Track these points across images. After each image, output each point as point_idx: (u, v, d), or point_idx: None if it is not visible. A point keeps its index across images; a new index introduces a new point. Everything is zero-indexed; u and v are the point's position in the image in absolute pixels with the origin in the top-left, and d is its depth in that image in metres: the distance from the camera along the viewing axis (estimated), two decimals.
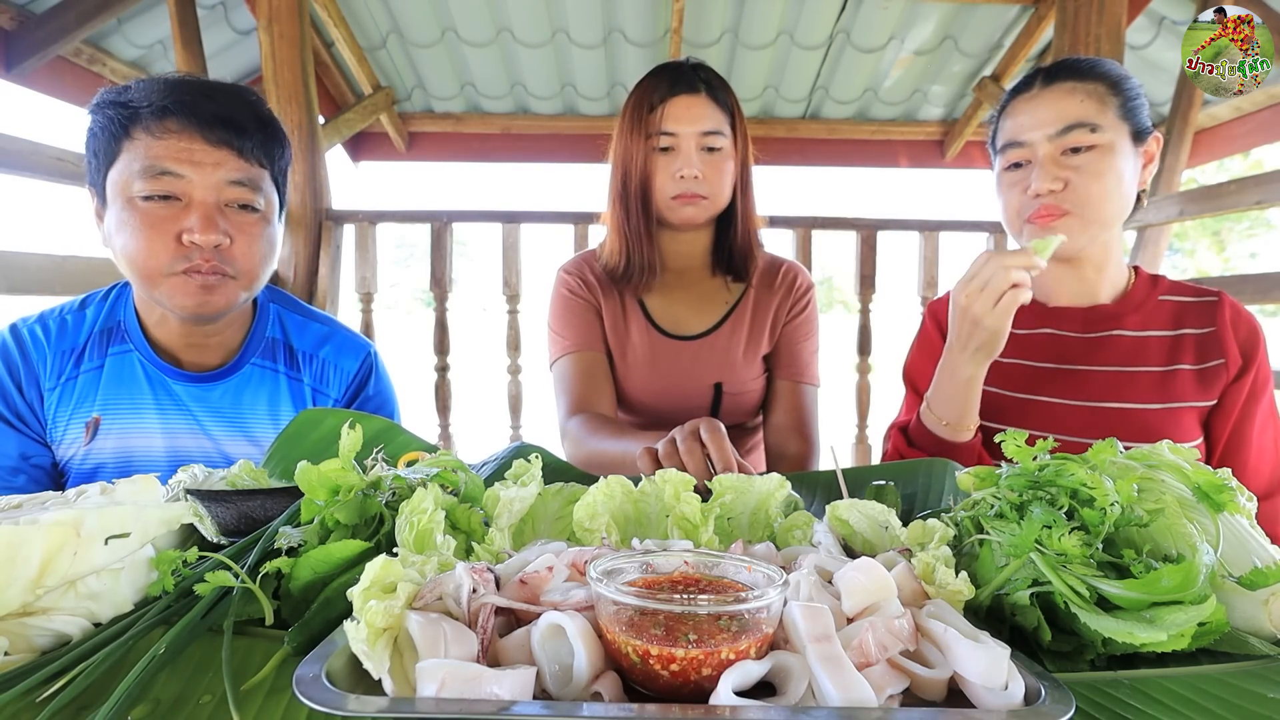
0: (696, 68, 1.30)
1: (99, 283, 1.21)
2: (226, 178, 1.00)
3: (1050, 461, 0.61)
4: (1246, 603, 0.55)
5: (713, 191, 1.29)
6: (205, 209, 0.99)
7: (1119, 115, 1.04)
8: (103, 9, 2.71)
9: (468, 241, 39.53)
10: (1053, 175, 1.04)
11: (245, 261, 1.04)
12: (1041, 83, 1.08)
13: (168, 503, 0.65)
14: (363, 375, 1.24)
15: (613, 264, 1.38)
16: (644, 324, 1.39)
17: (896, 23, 3.34)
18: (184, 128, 0.98)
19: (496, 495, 0.67)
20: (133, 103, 0.98)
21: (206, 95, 1.00)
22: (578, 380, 1.35)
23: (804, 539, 0.69)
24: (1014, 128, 1.09)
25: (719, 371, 1.37)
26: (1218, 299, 1.12)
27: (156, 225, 0.98)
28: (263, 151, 1.05)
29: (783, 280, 1.43)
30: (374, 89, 3.70)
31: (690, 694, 0.42)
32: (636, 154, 1.28)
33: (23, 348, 1.10)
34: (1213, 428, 1.09)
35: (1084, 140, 1.03)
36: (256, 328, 1.19)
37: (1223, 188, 2.54)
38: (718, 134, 1.27)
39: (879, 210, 45.16)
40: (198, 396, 1.14)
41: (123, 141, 0.99)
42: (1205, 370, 1.08)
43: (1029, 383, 1.15)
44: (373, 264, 2.83)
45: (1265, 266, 17.34)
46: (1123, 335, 1.13)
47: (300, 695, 0.40)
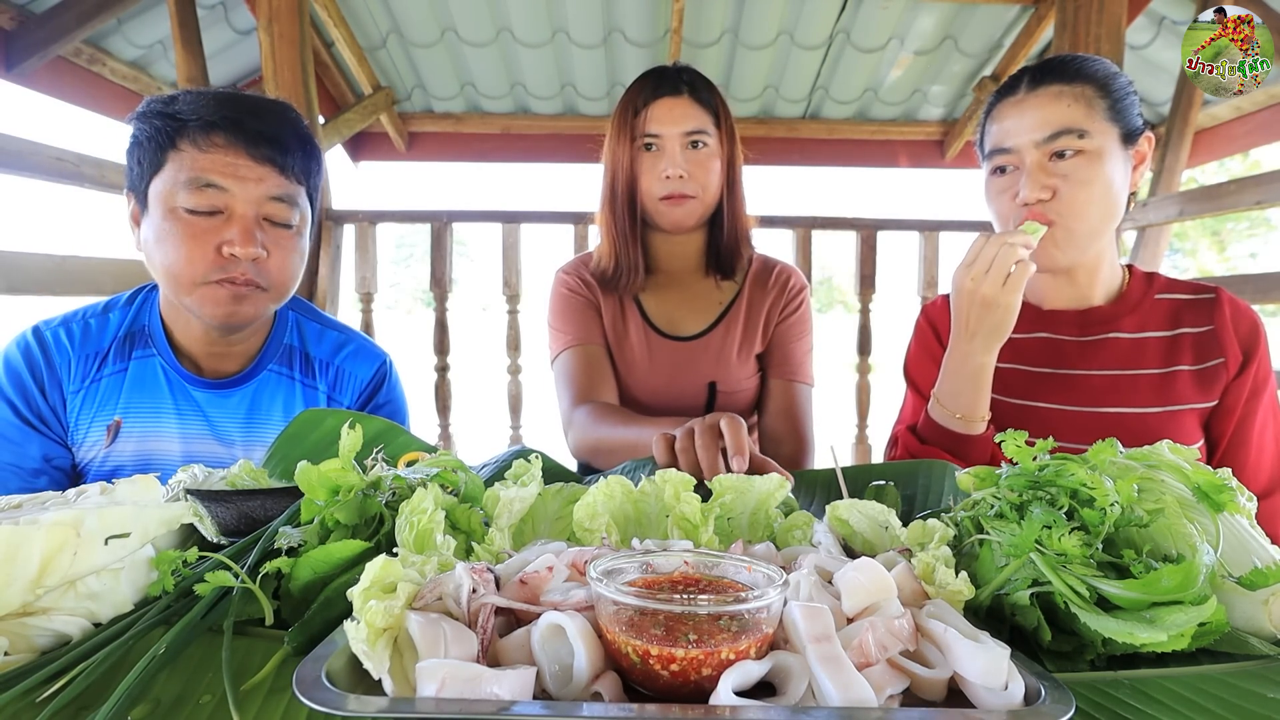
0: (681, 70, 1.33)
1: (99, 283, 1.21)
2: (268, 193, 1.02)
3: (1050, 462, 0.61)
4: (1246, 603, 0.55)
5: (699, 189, 1.30)
6: (245, 222, 1.01)
7: (1107, 117, 1.03)
8: (103, 9, 2.71)
9: (468, 241, 39.52)
10: (1040, 184, 1.03)
11: (279, 275, 1.06)
12: (1027, 86, 1.06)
13: (168, 503, 0.65)
14: (376, 382, 1.25)
15: (603, 266, 1.41)
16: (641, 324, 1.41)
17: (896, 23, 3.34)
18: (230, 143, 1.00)
19: (496, 495, 0.67)
20: (180, 114, 1.00)
21: (252, 112, 1.02)
22: (581, 372, 1.36)
23: (804, 539, 0.69)
24: (1000, 133, 1.08)
25: (713, 371, 1.39)
26: (1215, 296, 1.11)
27: (198, 236, 1.00)
28: (302, 169, 1.07)
29: (776, 281, 1.45)
30: (374, 89, 3.69)
31: (690, 694, 0.42)
32: (623, 157, 1.32)
33: (46, 351, 1.11)
34: (1214, 428, 1.08)
35: (1071, 145, 1.02)
36: (274, 335, 1.20)
37: (1223, 188, 2.54)
38: (701, 133, 1.29)
39: (879, 210, 45.17)
40: (214, 403, 1.15)
41: (168, 152, 1.00)
42: (1204, 370, 1.07)
43: (1026, 388, 1.14)
44: (373, 264, 2.83)
45: (1265, 266, 17.35)
46: (1120, 337, 1.12)
47: (300, 695, 0.40)
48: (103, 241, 3.64)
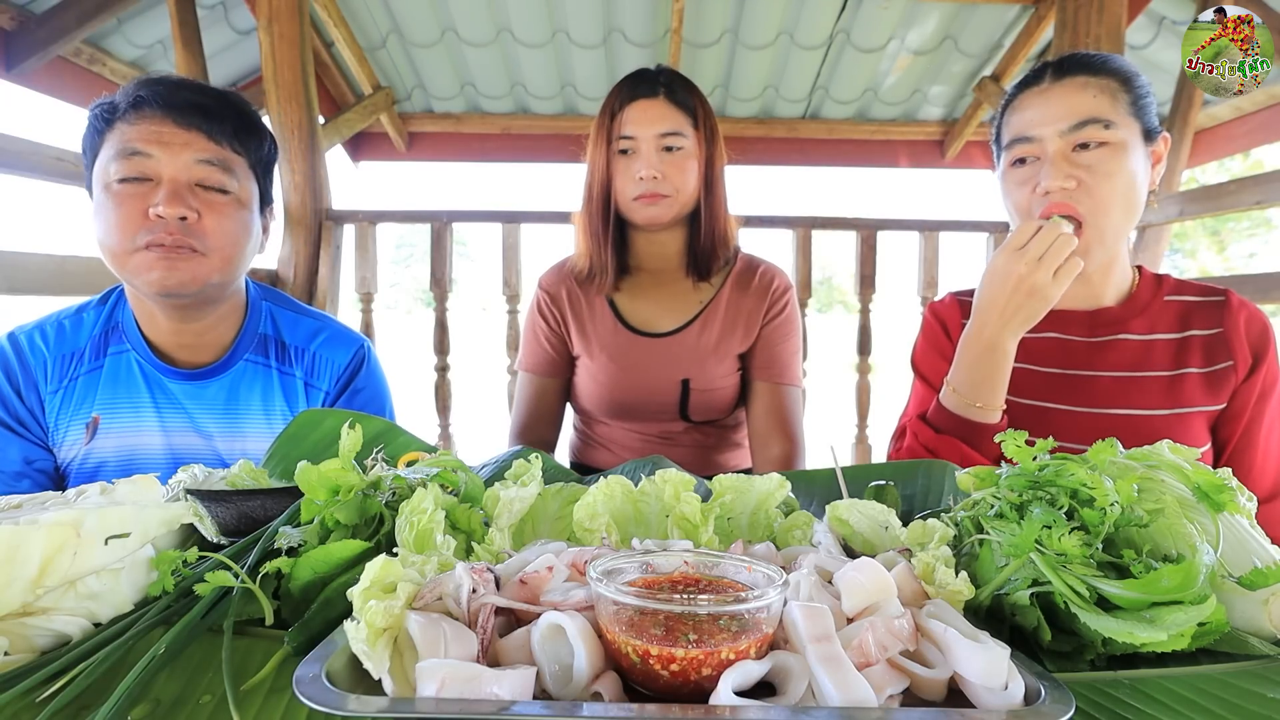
0: (660, 72, 1.35)
1: (99, 283, 1.22)
2: (195, 157, 1.03)
3: (1050, 462, 0.61)
4: (1246, 603, 0.55)
5: (675, 189, 1.31)
6: (174, 185, 1.01)
7: (1130, 113, 1.01)
8: (103, 9, 2.71)
9: (468, 241, 39.51)
10: (1064, 172, 1.00)
11: (216, 238, 1.05)
12: (1052, 76, 1.04)
13: (168, 503, 0.65)
14: (353, 367, 1.25)
15: (580, 266, 1.44)
16: (613, 322, 1.43)
17: (896, 23, 3.34)
18: (156, 113, 1.02)
19: (496, 495, 0.67)
20: (115, 100, 1.03)
21: (181, 85, 1.04)
22: (528, 401, 1.50)
23: (804, 539, 0.69)
24: (1022, 122, 1.05)
25: (687, 368, 1.40)
26: (1225, 299, 1.10)
27: (126, 203, 1.01)
28: (236, 138, 1.07)
29: (759, 282, 1.44)
30: (374, 89, 3.69)
31: (690, 694, 0.42)
32: (599, 160, 1.35)
33: (20, 355, 1.11)
34: (1221, 431, 1.07)
35: (1096, 136, 0.99)
36: (248, 324, 1.20)
37: (1223, 188, 2.54)
38: (677, 134, 1.30)
39: (879, 210, 45.02)
40: (192, 394, 1.15)
41: (105, 135, 1.03)
42: (1213, 373, 1.06)
43: (1036, 389, 1.13)
44: (373, 264, 2.83)
45: (1265, 266, 17.33)
46: (1129, 339, 1.10)
47: (300, 695, 0.40)
48: None
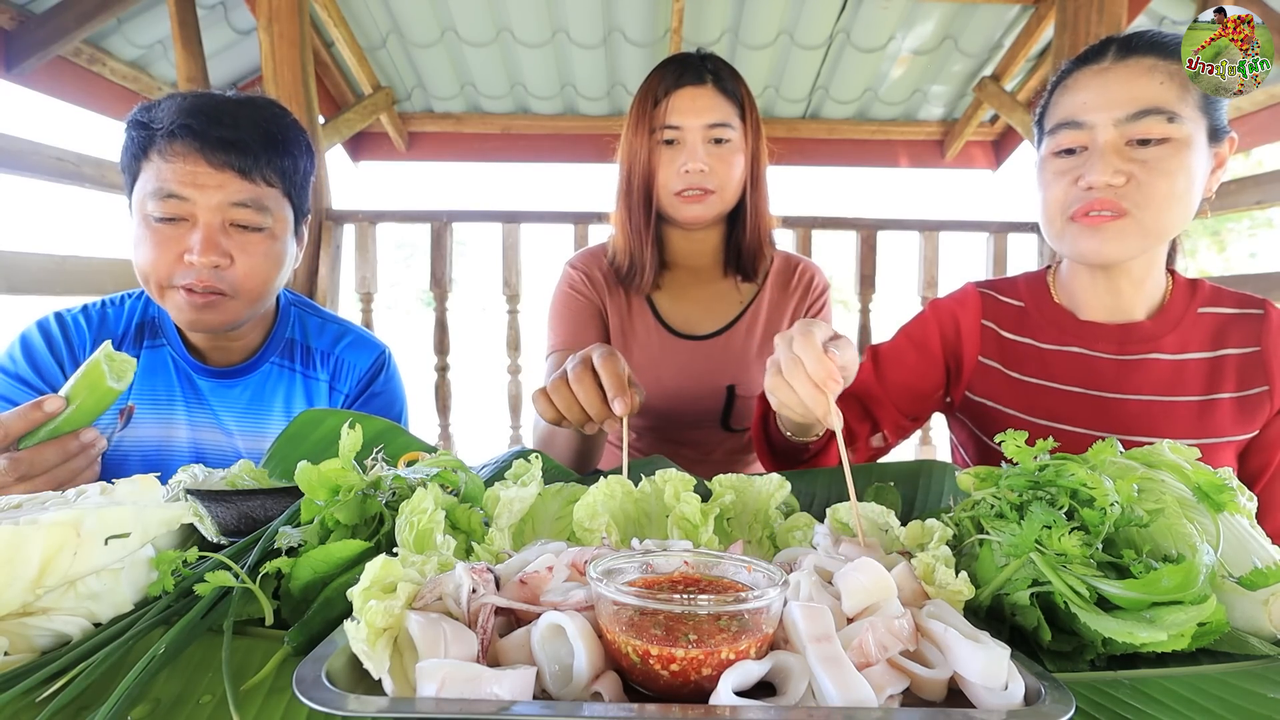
0: (705, 58, 1.26)
1: (99, 283, 1.22)
2: (229, 199, 1.03)
3: (1050, 462, 0.61)
4: (1246, 603, 0.55)
5: (720, 185, 1.24)
6: (208, 230, 1.02)
7: (1199, 106, 0.89)
8: (103, 9, 2.71)
9: (468, 241, 39.46)
10: (1114, 167, 0.88)
11: (247, 281, 1.07)
12: (1116, 54, 0.91)
13: (168, 503, 0.65)
14: (374, 371, 1.27)
15: (618, 263, 1.36)
16: (652, 323, 1.36)
17: (896, 23, 3.34)
18: (189, 150, 1.01)
19: (496, 495, 0.67)
20: (152, 124, 1.03)
21: (216, 118, 1.03)
22: None
23: (804, 540, 0.69)
24: (1074, 105, 0.92)
25: (733, 373, 1.34)
26: (1263, 312, 1.00)
27: (163, 244, 1.03)
28: (271, 169, 1.07)
29: (799, 280, 1.39)
30: (374, 89, 3.69)
31: (690, 694, 0.42)
32: (640, 149, 1.25)
33: (65, 332, 1.15)
34: (1251, 461, 0.98)
35: (1156, 131, 0.87)
36: (277, 330, 1.23)
37: (1223, 187, 2.54)
38: (725, 126, 1.23)
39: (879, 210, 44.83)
40: (218, 391, 1.18)
41: (141, 162, 1.04)
42: (1246, 399, 0.98)
43: (1053, 408, 1.03)
44: (373, 264, 2.83)
45: (1265, 266, 17.33)
46: (1160, 359, 1.00)
47: (300, 695, 0.40)
48: (103, 241, 3.63)
